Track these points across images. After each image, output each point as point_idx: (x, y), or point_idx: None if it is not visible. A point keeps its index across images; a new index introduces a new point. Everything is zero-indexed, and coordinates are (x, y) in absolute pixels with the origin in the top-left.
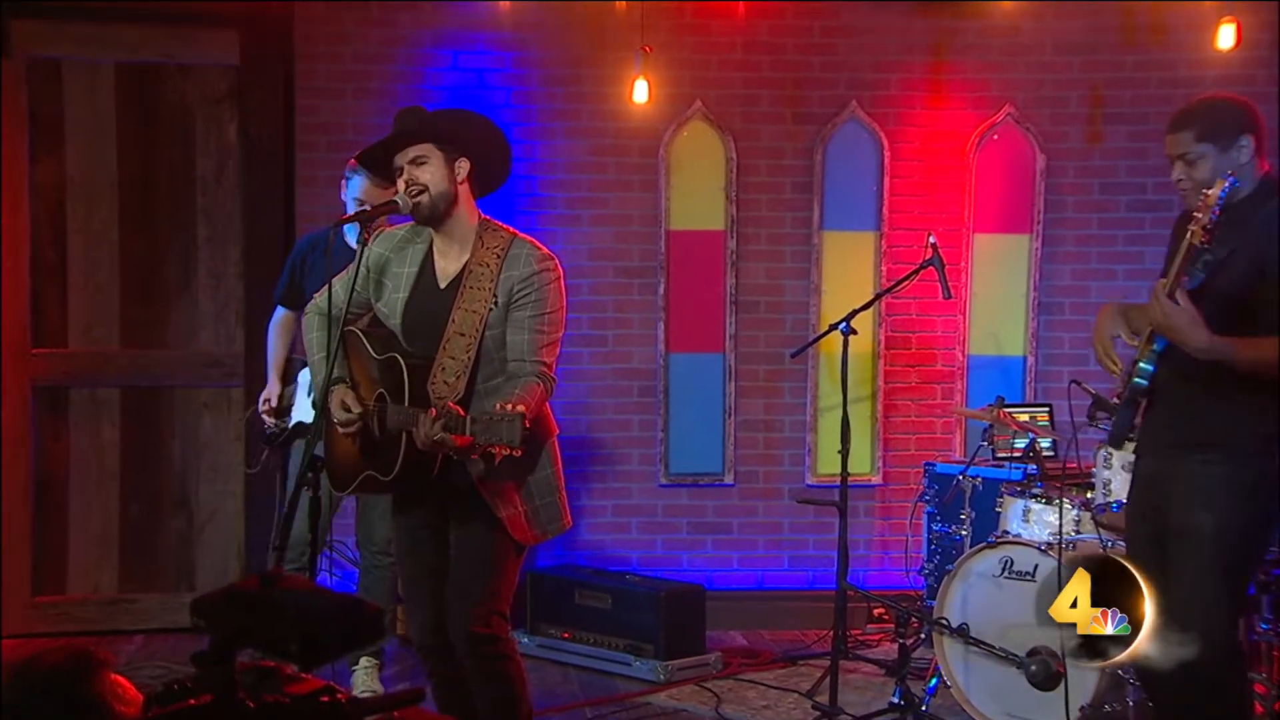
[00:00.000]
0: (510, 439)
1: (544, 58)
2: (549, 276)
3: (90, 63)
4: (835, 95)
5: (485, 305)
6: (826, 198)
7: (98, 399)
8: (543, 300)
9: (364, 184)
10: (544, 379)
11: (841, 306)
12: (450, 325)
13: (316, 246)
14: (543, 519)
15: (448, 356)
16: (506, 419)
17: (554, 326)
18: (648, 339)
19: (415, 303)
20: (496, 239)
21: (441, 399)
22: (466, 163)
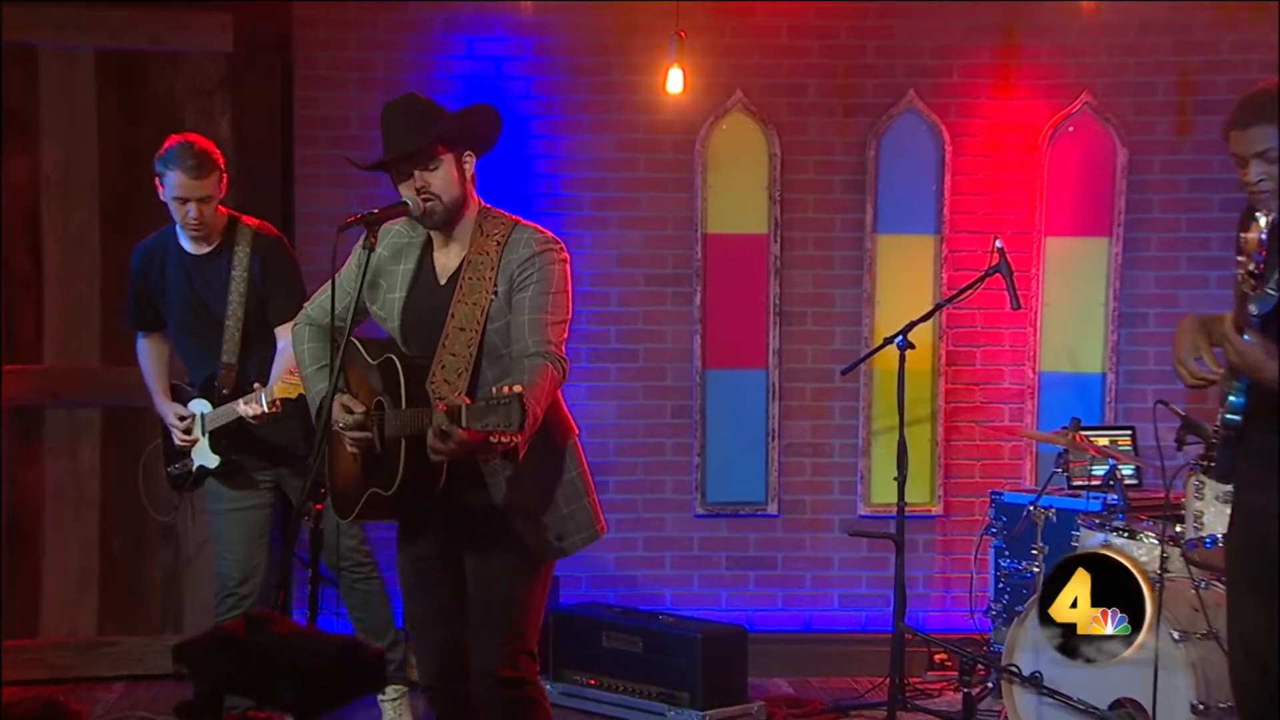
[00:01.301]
0: (507, 422)
1: (568, 44)
2: (552, 257)
3: (68, 49)
4: (891, 84)
5: (486, 296)
6: (880, 198)
7: (76, 420)
8: (546, 280)
9: (181, 179)
10: (552, 360)
11: (897, 318)
12: (450, 320)
13: (153, 258)
14: (571, 528)
15: (448, 353)
16: (502, 400)
17: (559, 308)
18: (682, 354)
19: (414, 302)
20: (497, 226)
21: (443, 399)
22: (473, 157)
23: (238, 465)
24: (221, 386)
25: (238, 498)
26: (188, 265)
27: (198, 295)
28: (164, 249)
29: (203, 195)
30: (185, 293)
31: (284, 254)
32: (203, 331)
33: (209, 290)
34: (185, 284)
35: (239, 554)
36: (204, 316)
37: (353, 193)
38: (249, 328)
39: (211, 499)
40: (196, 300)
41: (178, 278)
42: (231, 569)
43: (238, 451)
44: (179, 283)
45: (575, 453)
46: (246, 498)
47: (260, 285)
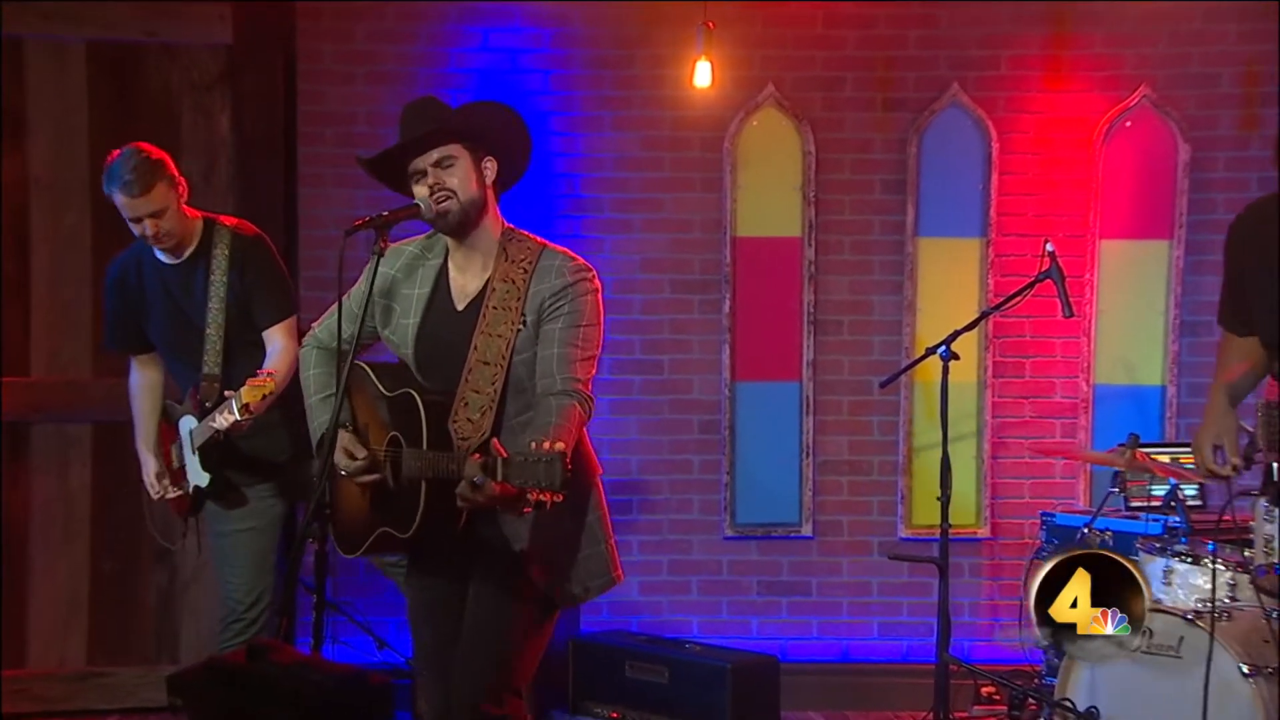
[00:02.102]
0: (550, 482)
1: (589, 35)
2: (585, 288)
3: (58, 41)
4: (934, 77)
5: (512, 327)
6: (922, 198)
7: (66, 436)
8: (577, 313)
9: (121, 199)
10: (579, 399)
11: (940, 327)
12: (472, 353)
13: (128, 272)
14: (584, 574)
15: (470, 390)
16: (545, 459)
17: (589, 343)
18: (710, 365)
19: (429, 329)
20: (523, 251)
21: (466, 440)
22: (493, 162)
23: (229, 482)
24: (204, 399)
25: (239, 517)
26: (165, 276)
27: (178, 306)
28: (139, 262)
29: (151, 211)
30: (166, 306)
31: (263, 252)
32: (187, 345)
33: (189, 300)
34: (165, 296)
35: (245, 577)
36: (186, 328)
37: (360, 194)
38: (231, 335)
39: (213, 521)
40: (177, 312)
41: (156, 291)
42: (238, 592)
43: (227, 467)
44: (158, 296)
45: (596, 495)
46: (248, 517)
47: (240, 289)
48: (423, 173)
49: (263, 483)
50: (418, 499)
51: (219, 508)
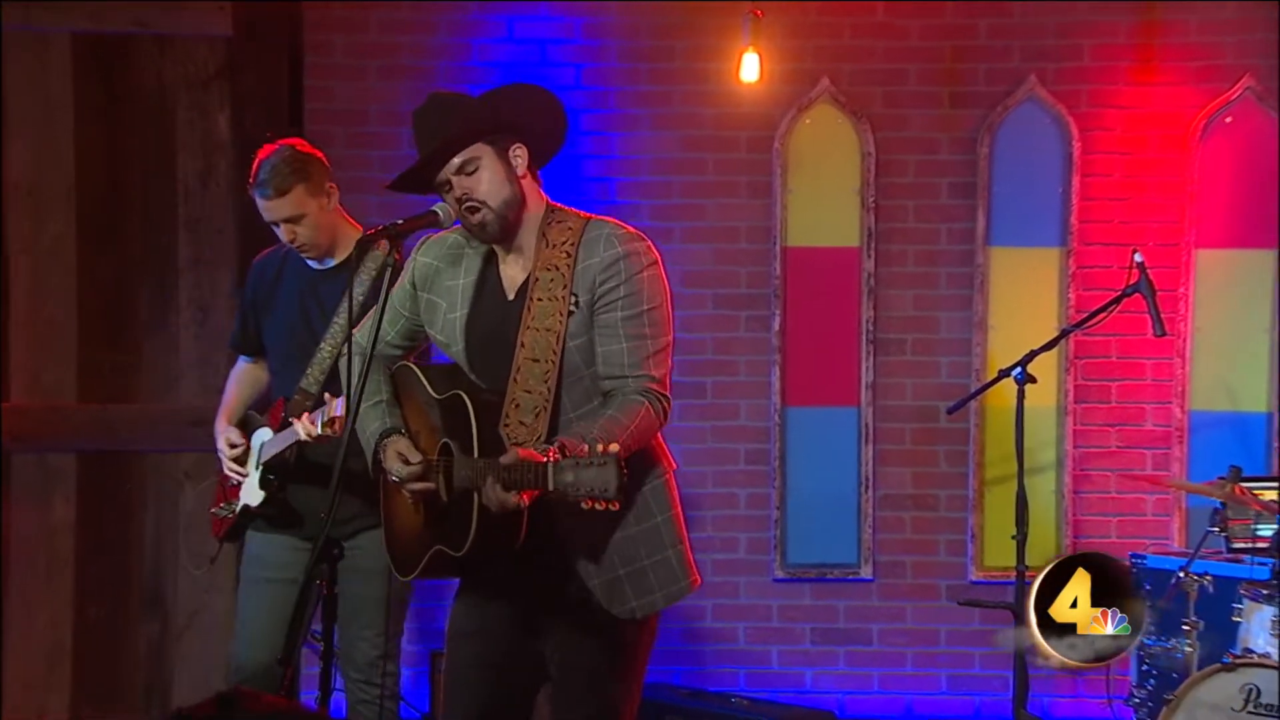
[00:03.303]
0: (603, 489)
1: (624, 24)
2: (641, 260)
3: (40, 33)
4: (1008, 69)
5: (560, 316)
6: (995, 203)
7: (48, 467)
8: (637, 293)
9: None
10: (653, 398)
11: (1015, 346)
12: (520, 351)
13: (268, 270)
14: (653, 582)
15: (521, 390)
16: (597, 462)
17: (658, 328)
18: (758, 388)
19: (479, 321)
20: (564, 231)
21: (520, 444)
22: (523, 148)
23: (286, 507)
24: (290, 413)
25: (281, 566)
26: (305, 280)
27: (306, 315)
28: (283, 261)
29: (286, 216)
30: (294, 310)
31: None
32: (297, 355)
33: (319, 310)
34: (297, 301)
35: (262, 637)
36: (305, 340)
37: (373, 200)
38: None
39: (249, 563)
40: (303, 319)
41: (291, 293)
42: (249, 652)
43: (292, 485)
44: (290, 298)
45: (664, 493)
46: (290, 567)
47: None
48: (447, 184)
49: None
50: (470, 512)
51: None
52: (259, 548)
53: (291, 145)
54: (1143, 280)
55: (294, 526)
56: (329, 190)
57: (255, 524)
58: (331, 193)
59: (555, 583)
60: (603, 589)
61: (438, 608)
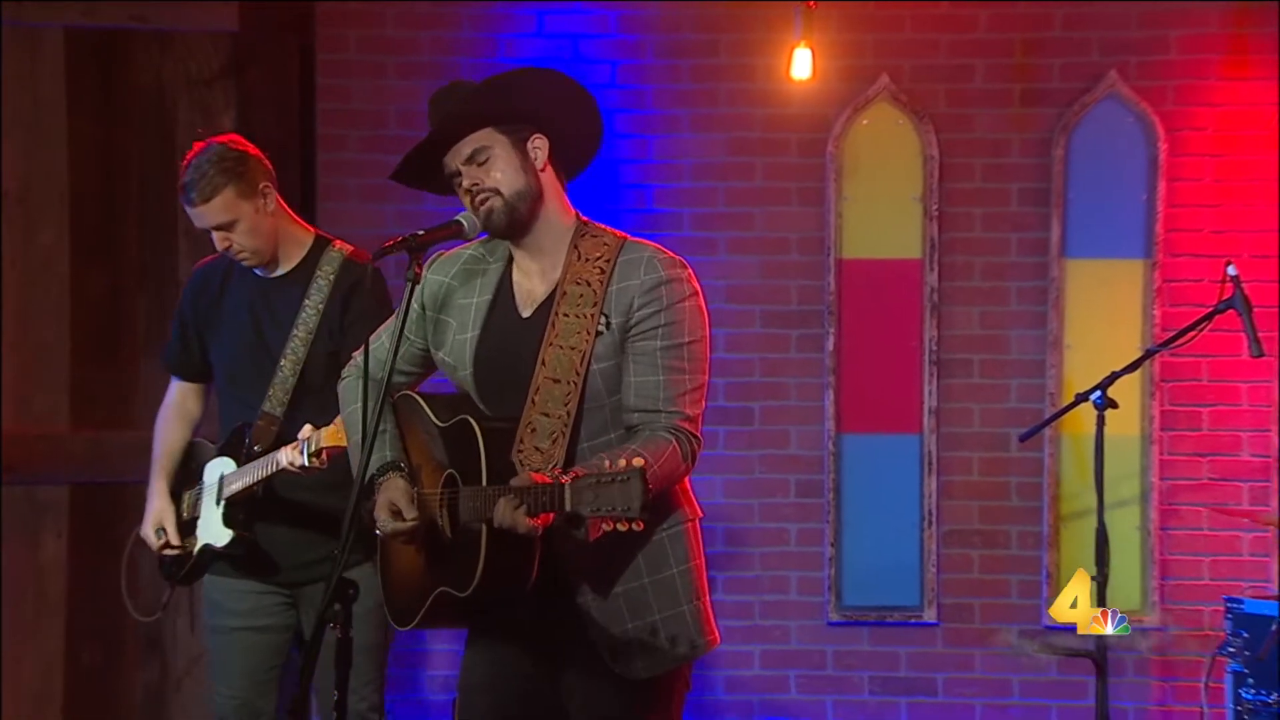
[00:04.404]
0: (626, 506)
1: (663, 18)
2: (682, 289)
3: (30, 28)
4: (1085, 63)
5: (587, 335)
6: (1071, 211)
7: (37, 500)
8: (679, 323)
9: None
10: (682, 437)
11: (1093, 368)
12: (540, 370)
13: (211, 280)
14: (663, 640)
15: (538, 413)
16: (619, 478)
17: (695, 363)
18: (810, 414)
19: (491, 342)
20: (599, 246)
21: (535, 471)
22: (544, 140)
23: (257, 550)
24: (254, 442)
25: (249, 613)
26: (255, 290)
27: (258, 329)
28: (228, 269)
29: (218, 223)
30: (244, 325)
31: (375, 291)
32: (252, 376)
33: (273, 323)
34: (247, 314)
35: (240, 690)
36: (258, 356)
37: (390, 208)
38: (308, 376)
39: (212, 611)
40: (255, 335)
41: (239, 305)
42: (230, 710)
43: (261, 524)
44: (239, 311)
45: (684, 542)
46: (260, 614)
47: (337, 325)
48: (457, 174)
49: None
50: (478, 547)
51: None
52: (220, 595)
53: (222, 143)
54: (1237, 295)
55: (260, 570)
56: (264, 190)
57: (215, 567)
58: (268, 193)
59: (570, 631)
60: (608, 643)
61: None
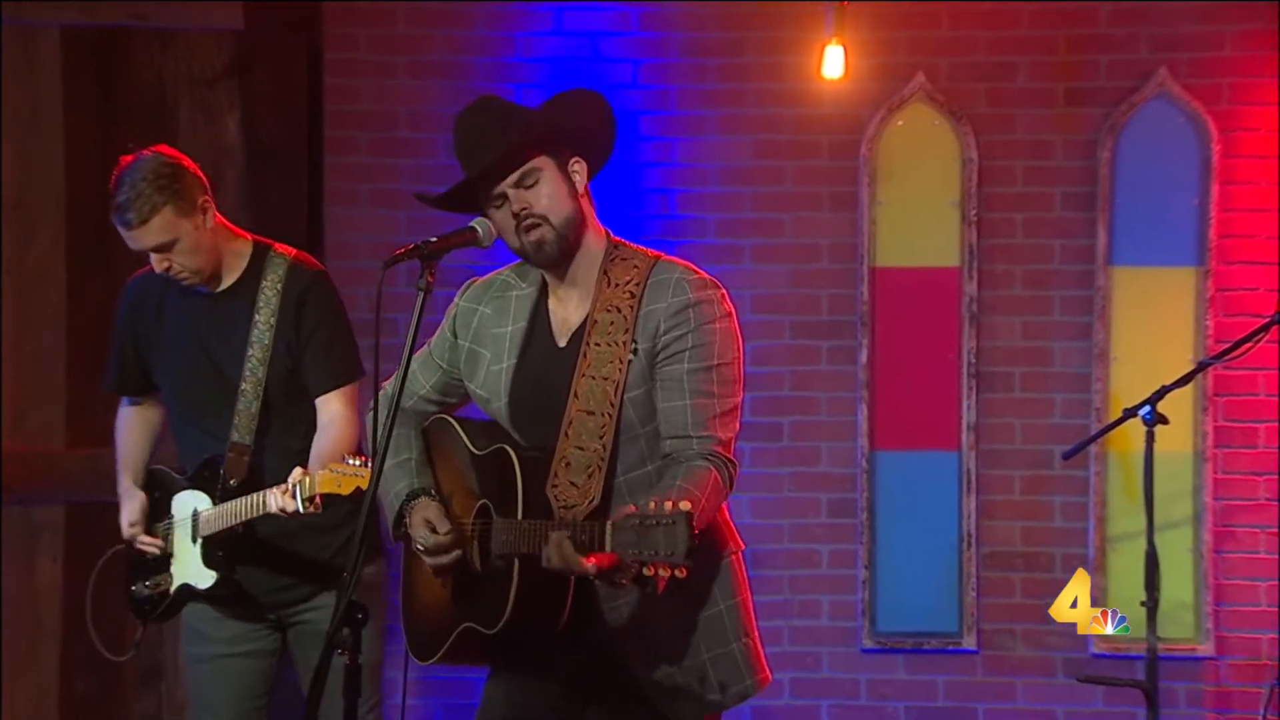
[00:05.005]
0: (671, 551)
1: (687, 14)
2: (713, 310)
3: (27, 26)
4: (1133, 61)
5: (620, 364)
6: (1118, 216)
7: (32, 521)
8: (707, 345)
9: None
10: (719, 463)
11: (1142, 381)
12: (572, 402)
13: (149, 295)
14: (713, 682)
15: (573, 446)
16: (664, 521)
17: (728, 386)
18: (843, 429)
19: (527, 373)
20: (629, 270)
21: (570, 508)
22: (582, 164)
23: (239, 590)
24: (229, 476)
25: (231, 640)
26: (198, 308)
27: (207, 351)
28: (165, 284)
29: (155, 244)
30: (190, 348)
31: (327, 296)
32: (209, 403)
33: (222, 342)
34: (190, 335)
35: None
36: (213, 381)
37: (402, 215)
38: (272, 396)
39: (192, 640)
40: (205, 358)
41: (181, 323)
42: None
43: (243, 565)
44: (182, 330)
45: (730, 576)
46: (243, 639)
47: (293, 338)
48: (502, 197)
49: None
50: (509, 582)
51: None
52: (201, 623)
53: (154, 155)
54: None
55: (243, 606)
56: (204, 205)
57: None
58: (207, 208)
59: (600, 671)
60: (653, 688)
61: None
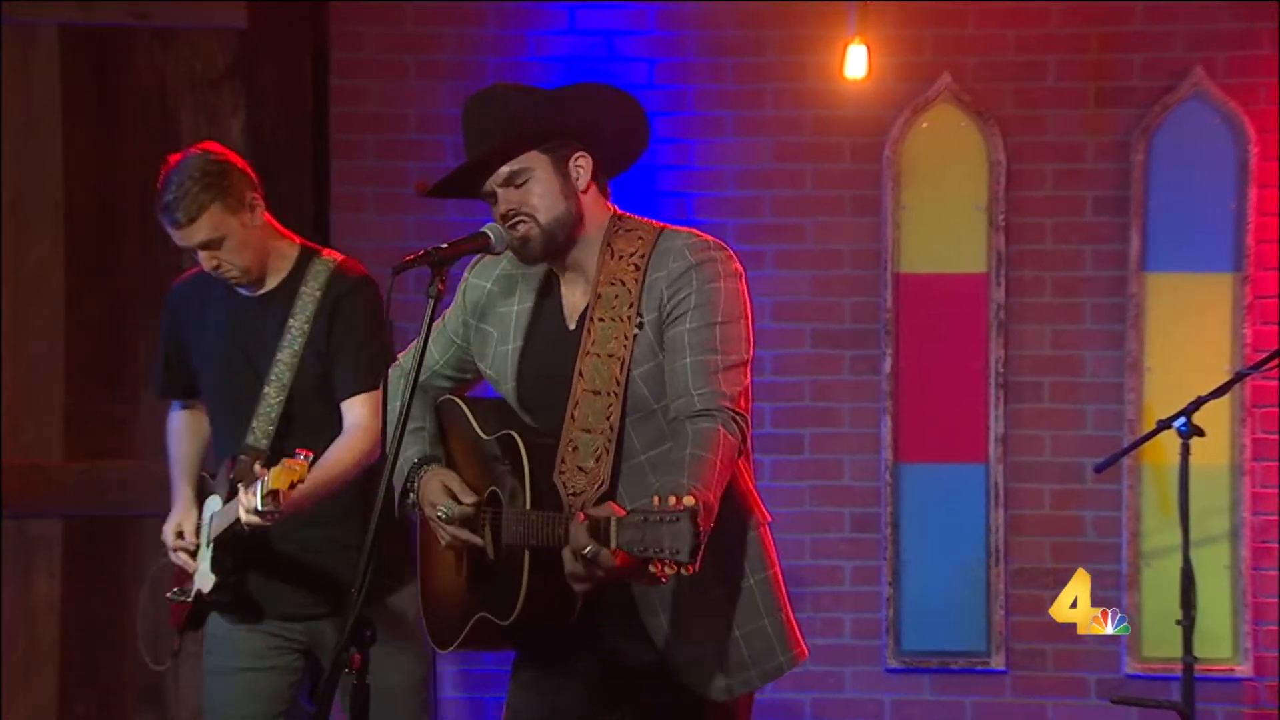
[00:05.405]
0: (675, 548)
1: (705, 12)
2: (717, 269)
3: (23, 25)
4: (1167, 60)
5: (625, 340)
6: (1151, 221)
7: (28, 536)
8: (709, 304)
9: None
10: (726, 419)
11: (1177, 392)
12: (578, 382)
13: (192, 298)
14: (745, 657)
15: (579, 429)
16: (669, 518)
17: (733, 343)
18: (866, 441)
19: (534, 354)
20: (633, 241)
21: (578, 494)
22: (587, 159)
23: (240, 594)
24: (238, 478)
25: (254, 654)
26: (236, 309)
27: (243, 351)
28: (207, 286)
29: (203, 241)
30: (228, 347)
31: (366, 302)
32: (240, 402)
33: (257, 344)
34: (230, 334)
35: None
36: (246, 380)
37: (410, 219)
38: (296, 399)
39: (214, 649)
40: (241, 357)
41: (220, 325)
42: None
43: (255, 574)
44: (221, 331)
45: (760, 548)
46: (266, 654)
47: (325, 344)
48: (493, 195)
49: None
50: (520, 573)
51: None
52: (225, 632)
53: (202, 153)
54: None
55: (252, 619)
56: (252, 203)
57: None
58: (255, 205)
59: (630, 655)
60: (687, 668)
61: None
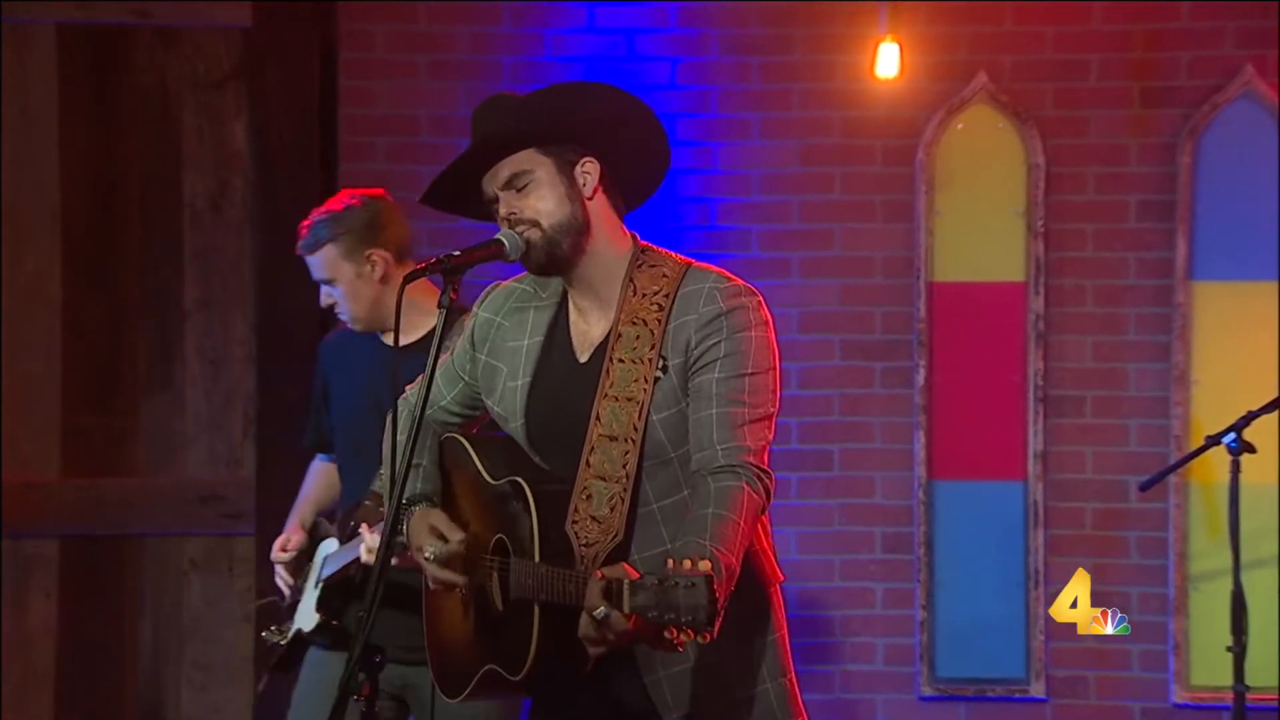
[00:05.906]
0: (693, 616)
1: (729, 10)
2: (747, 318)
3: (20, 25)
4: (1215, 58)
5: (645, 384)
6: (1199, 227)
7: (24, 556)
8: (739, 354)
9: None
10: (750, 477)
11: (1226, 406)
12: (594, 427)
13: (342, 349)
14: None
15: (594, 477)
16: (684, 584)
17: (760, 396)
18: (898, 458)
19: (543, 390)
20: (657, 278)
21: (591, 546)
22: (595, 165)
23: (342, 635)
24: (357, 522)
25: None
26: (379, 358)
27: (377, 399)
28: (355, 337)
29: (320, 276)
30: (362, 393)
31: None
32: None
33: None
34: (366, 382)
35: None
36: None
37: (422, 225)
38: None
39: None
40: (375, 405)
41: (363, 371)
42: None
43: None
44: (362, 379)
45: (768, 611)
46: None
47: None
48: (494, 199)
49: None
50: (530, 628)
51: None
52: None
53: (361, 197)
54: None
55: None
56: (371, 259)
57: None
58: (375, 262)
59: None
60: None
61: None
